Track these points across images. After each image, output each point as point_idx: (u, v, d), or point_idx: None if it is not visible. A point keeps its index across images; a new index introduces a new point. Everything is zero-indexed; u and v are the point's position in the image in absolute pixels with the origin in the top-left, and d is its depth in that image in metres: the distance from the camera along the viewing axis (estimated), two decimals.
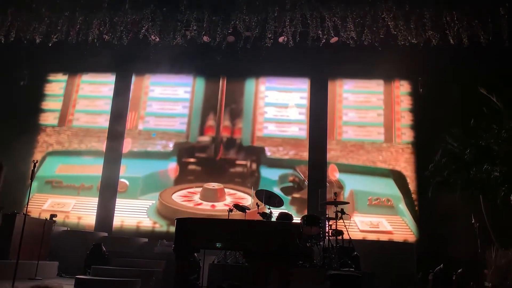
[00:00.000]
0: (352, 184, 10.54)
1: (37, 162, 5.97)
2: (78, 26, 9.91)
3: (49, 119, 11.80)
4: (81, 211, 10.97)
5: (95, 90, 11.96)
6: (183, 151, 11.24)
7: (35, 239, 7.47)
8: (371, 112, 11.12)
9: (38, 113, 11.72)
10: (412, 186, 10.48)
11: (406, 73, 10.82)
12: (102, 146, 11.39)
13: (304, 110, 11.20)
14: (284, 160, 10.89)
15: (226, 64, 10.81)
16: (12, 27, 9.93)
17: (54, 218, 8.05)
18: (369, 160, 10.73)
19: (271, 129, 11.24)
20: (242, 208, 7.84)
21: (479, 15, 9.10)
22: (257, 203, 7.84)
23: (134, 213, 10.86)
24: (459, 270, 7.80)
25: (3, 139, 10.58)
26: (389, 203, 10.47)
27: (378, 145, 10.79)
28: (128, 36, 9.99)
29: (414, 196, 10.40)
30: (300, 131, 11.13)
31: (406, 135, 10.80)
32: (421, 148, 10.31)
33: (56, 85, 12.06)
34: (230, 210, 7.83)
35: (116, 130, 11.35)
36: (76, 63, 11.15)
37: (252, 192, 8.14)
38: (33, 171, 5.86)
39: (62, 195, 11.08)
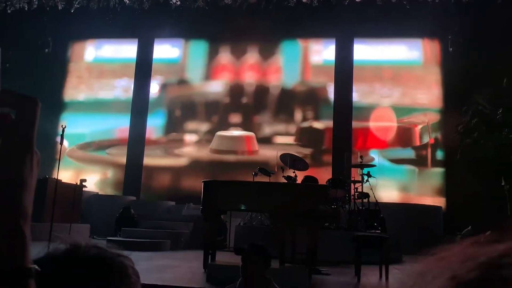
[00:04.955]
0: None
1: (65, 126, 6.06)
2: None
3: (73, 90, 11.97)
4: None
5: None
6: None
7: (67, 203, 7.70)
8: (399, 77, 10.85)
9: (63, 80, 11.88)
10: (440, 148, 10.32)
11: (435, 31, 10.40)
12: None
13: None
14: None
15: (248, 26, 10.61)
16: None
17: (84, 183, 8.25)
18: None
19: None
20: (267, 172, 7.86)
21: None
22: (281, 167, 7.85)
23: None
24: (487, 233, 7.71)
25: None
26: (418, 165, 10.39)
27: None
28: (149, 0, 9.87)
29: (442, 158, 10.24)
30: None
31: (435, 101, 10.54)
32: (451, 109, 10.04)
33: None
34: (255, 174, 7.87)
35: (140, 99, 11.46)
36: (99, 29, 11.13)
37: (277, 156, 8.12)
38: (62, 135, 5.96)
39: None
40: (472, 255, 0.40)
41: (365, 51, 11.04)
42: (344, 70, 10.83)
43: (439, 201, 9.84)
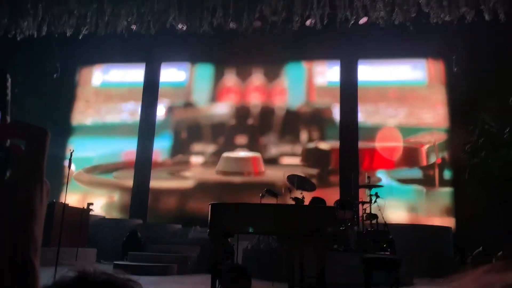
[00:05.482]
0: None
1: (73, 151, 6.10)
2: (106, 18, 10.04)
3: (80, 114, 12.10)
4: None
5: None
6: None
7: (74, 227, 7.68)
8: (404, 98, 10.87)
9: (71, 105, 12.02)
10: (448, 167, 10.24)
11: (439, 51, 10.46)
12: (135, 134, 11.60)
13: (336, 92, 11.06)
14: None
15: (253, 49, 10.74)
16: (44, 21, 10.15)
17: (91, 207, 8.24)
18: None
19: None
20: (274, 193, 7.82)
21: None
22: (289, 188, 7.81)
23: None
24: (499, 253, 7.58)
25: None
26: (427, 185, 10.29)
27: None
28: (156, 26, 10.05)
29: (450, 178, 10.15)
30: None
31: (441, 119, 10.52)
32: (457, 128, 10.01)
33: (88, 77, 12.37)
34: (262, 195, 7.82)
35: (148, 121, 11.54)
36: (106, 55, 11.32)
37: (284, 177, 8.09)
38: (70, 159, 5.99)
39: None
40: (487, 282, 0.40)
41: (369, 72, 11.10)
42: (349, 91, 10.87)
43: (449, 221, 9.70)
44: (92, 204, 8.14)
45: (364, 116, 10.83)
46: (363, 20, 9.80)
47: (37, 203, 0.52)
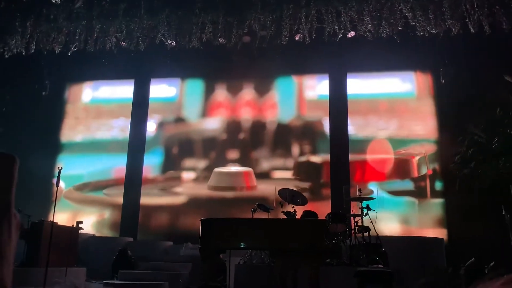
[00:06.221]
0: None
1: (61, 168, 6.04)
2: (95, 35, 10.05)
3: (70, 131, 12.02)
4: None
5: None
6: None
7: (62, 246, 7.55)
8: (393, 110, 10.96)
9: (60, 122, 11.94)
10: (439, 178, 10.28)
11: (427, 64, 10.60)
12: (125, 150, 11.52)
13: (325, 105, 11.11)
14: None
15: (243, 64, 10.79)
16: (32, 38, 10.14)
17: (80, 225, 8.12)
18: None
19: None
20: (266, 208, 7.78)
21: (500, 0, 8.86)
22: (280, 202, 7.78)
23: None
24: (491, 264, 7.57)
25: (26, 146, 10.70)
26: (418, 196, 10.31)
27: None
28: (145, 42, 10.08)
29: (441, 189, 10.19)
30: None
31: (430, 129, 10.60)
32: (447, 139, 10.09)
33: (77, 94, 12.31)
34: (254, 210, 7.78)
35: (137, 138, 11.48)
36: (96, 71, 11.30)
37: (275, 191, 8.06)
38: (58, 177, 5.93)
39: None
40: None
41: (358, 85, 11.19)
42: (338, 104, 10.93)
43: (441, 233, 9.71)
44: (81, 222, 8.03)
45: (355, 128, 10.88)
46: (351, 34, 9.91)
47: (4, 242, 0.48)
